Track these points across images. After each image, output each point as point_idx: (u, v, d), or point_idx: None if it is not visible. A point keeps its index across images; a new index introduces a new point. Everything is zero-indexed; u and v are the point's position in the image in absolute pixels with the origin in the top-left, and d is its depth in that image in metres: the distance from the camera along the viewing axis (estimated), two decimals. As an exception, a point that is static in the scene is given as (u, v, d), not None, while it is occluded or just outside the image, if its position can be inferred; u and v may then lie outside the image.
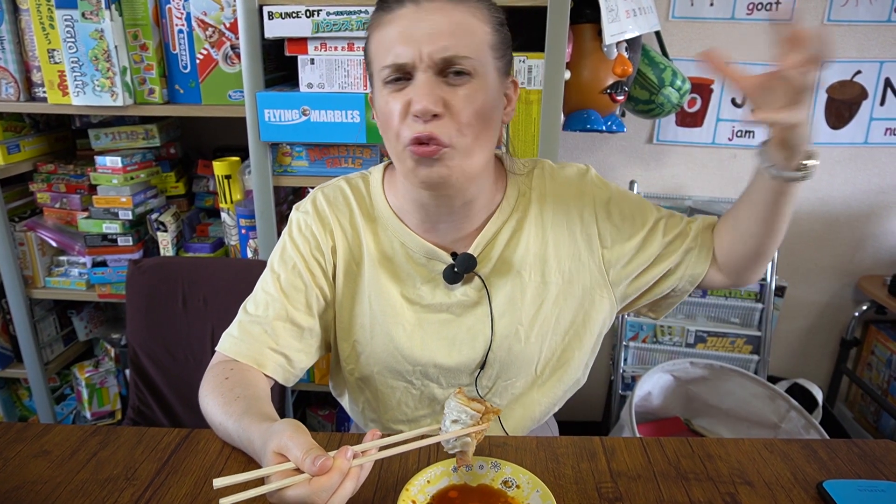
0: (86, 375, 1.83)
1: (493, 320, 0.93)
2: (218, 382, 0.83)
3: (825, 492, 0.73)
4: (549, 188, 0.94)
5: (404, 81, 0.78)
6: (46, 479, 0.75)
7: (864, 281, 2.06)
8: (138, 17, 1.44)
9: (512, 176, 0.95)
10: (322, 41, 1.35)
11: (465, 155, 0.80)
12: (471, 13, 0.79)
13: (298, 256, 0.92)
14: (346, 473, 0.61)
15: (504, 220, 0.92)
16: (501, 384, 0.97)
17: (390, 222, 0.93)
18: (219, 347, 0.90)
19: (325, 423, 1.94)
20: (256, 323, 0.89)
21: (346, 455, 0.62)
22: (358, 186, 0.96)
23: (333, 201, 0.94)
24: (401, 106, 0.78)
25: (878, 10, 1.80)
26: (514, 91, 0.88)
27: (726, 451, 0.82)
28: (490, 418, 0.70)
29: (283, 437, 0.63)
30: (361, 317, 0.94)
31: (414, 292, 0.93)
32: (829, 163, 1.97)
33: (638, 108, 1.71)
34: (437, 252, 0.91)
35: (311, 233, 0.93)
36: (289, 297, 0.91)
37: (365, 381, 0.99)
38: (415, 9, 0.77)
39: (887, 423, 2.04)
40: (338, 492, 0.60)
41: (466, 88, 0.78)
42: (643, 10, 1.53)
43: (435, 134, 0.77)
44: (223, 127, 1.88)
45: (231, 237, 1.63)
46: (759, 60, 1.87)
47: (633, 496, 0.73)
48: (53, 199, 1.69)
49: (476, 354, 0.94)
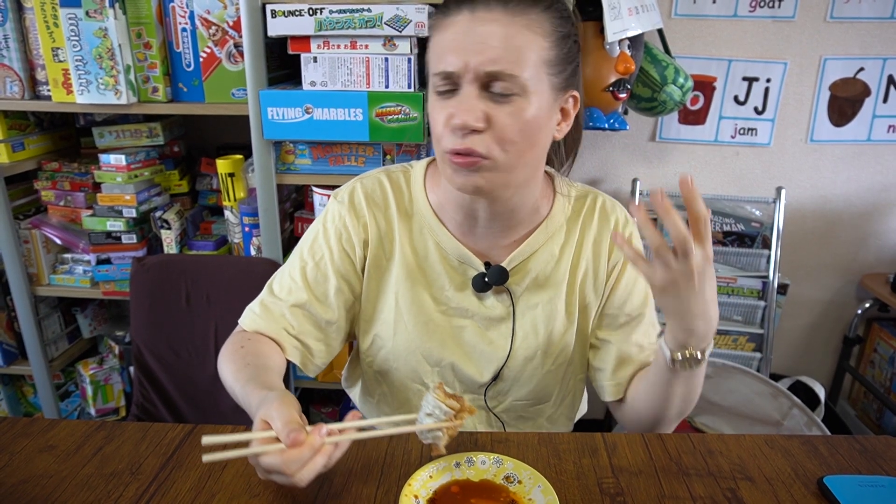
0: (90, 372, 1.84)
1: (515, 339, 0.92)
2: (234, 349, 0.87)
3: (825, 487, 0.73)
4: (596, 222, 0.93)
5: (451, 92, 0.78)
6: (52, 473, 0.76)
7: (866, 278, 2.06)
8: (142, 15, 1.45)
9: (560, 197, 0.93)
10: (325, 39, 1.35)
11: (505, 170, 0.79)
12: (528, 27, 0.75)
13: (328, 249, 0.92)
14: (318, 449, 0.65)
15: (545, 240, 0.91)
16: (511, 403, 0.97)
17: (428, 221, 0.92)
18: (241, 321, 0.93)
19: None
20: (277, 305, 0.91)
21: (321, 432, 0.65)
22: (398, 181, 0.95)
23: (371, 194, 0.93)
24: (444, 117, 0.78)
25: (881, 7, 1.80)
26: (573, 105, 0.84)
27: (727, 446, 0.83)
28: (464, 416, 0.72)
29: (271, 407, 0.67)
30: (385, 312, 0.94)
31: (442, 293, 0.93)
32: (832, 160, 1.97)
33: (640, 105, 1.71)
34: (471, 258, 0.91)
35: (343, 225, 0.92)
36: (312, 288, 0.92)
37: (383, 375, 0.99)
38: (470, 17, 0.75)
39: (890, 421, 2.04)
40: (308, 465, 0.64)
41: (512, 106, 0.76)
42: (645, 7, 1.53)
43: (473, 148, 0.76)
44: (226, 125, 1.88)
45: (234, 235, 1.64)
46: (761, 57, 1.87)
47: (635, 491, 0.74)
48: (58, 197, 1.70)
49: (492, 368, 0.94)
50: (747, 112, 1.93)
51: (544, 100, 0.78)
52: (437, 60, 0.78)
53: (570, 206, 0.94)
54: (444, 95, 0.78)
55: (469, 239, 0.91)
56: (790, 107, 1.92)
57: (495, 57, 0.73)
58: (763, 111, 1.92)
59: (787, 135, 1.95)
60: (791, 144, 1.96)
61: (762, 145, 1.96)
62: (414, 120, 1.37)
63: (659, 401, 0.86)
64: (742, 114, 1.93)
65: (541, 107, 0.78)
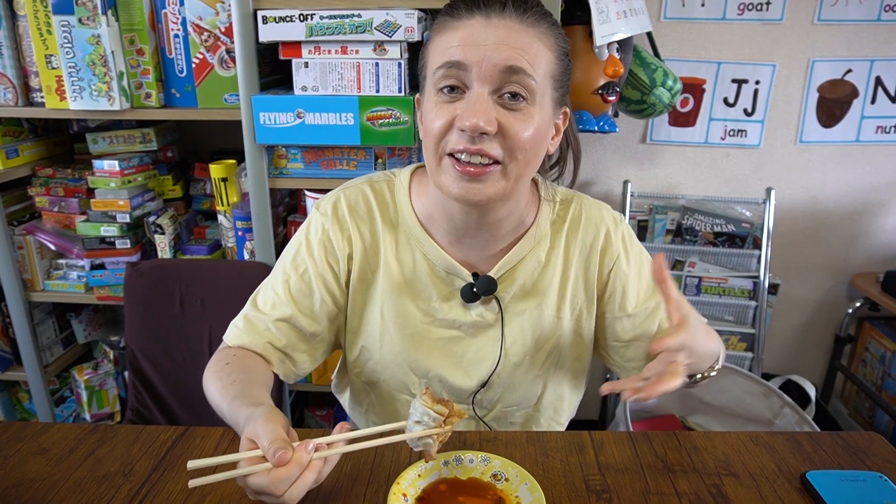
0: (85, 378, 1.84)
1: (504, 346, 0.92)
2: (219, 367, 0.85)
3: (808, 482, 0.74)
4: (582, 228, 0.93)
5: (458, 93, 0.76)
6: (45, 476, 0.76)
7: (857, 278, 2.07)
8: (134, 22, 1.46)
9: (545, 203, 0.93)
10: (316, 45, 1.36)
11: (512, 179, 0.78)
12: (539, 38, 0.76)
13: (311, 262, 0.91)
14: (306, 466, 0.63)
15: (532, 247, 0.91)
16: (501, 409, 0.97)
17: (414, 231, 0.91)
18: (225, 337, 0.92)
19: (323, 423, 1.95)
20: (262, 320, 0.90)
21: (307, 448, 0.63)
22: (381, 191, 0.93)
23: (354, 206, 0.92)
24: (448, 117, 0.76)
25: (868, 9, 1.82)
26: (563, 121, 0.86)
27: (713, 443, 0.84)
28: (453, 421, 0.71)
29: (256, 424, 0.64)
30: (372, 325, 0.94)
31: (428, 305, 0.92)
32: (822, 161, 1.99)
33: (630, 108, 1.73)
34: (459, 269, 0.90)
35: (327, 237, 0.91)
36: (296, 302, 0.90)
37: (371, 385, 0.99)
38: (485, 21, 0.75)
39: (882, 419, 2.05)
40: (296, 483, 0.62)
41: (522, 113, 0.75)
42: (634, 11, 1.55)
43: (485, 150, 0.74)
44: (219, 130, 1.89)
45: (228, 239, 1.65)
46: (750, 60, 1.89)
47: (620, 488, 0.75)
48: (52, 203, 1.71)
49: (482, 376, 0.94)
50: (737, 114, 1.95)
51: (547, 112, 0.79)
52: (441, 54, 0.76)
53: (555, 211, 0.94)
54: (449, 96, 0.76)
55: (456, 249, 0.91)
56: (779, 108, 1.94)
57: (515, 55, 0.73)
58: (752, 113, 1.94)
59: (777, 136, 1.97)
60: (780, 146, 1.98)
61: (752, 147, 1.98)
62: (405, 124, 1.38)
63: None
64: (731, 115, 1.95)
65: (544, 118, 0.78)
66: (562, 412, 1.02)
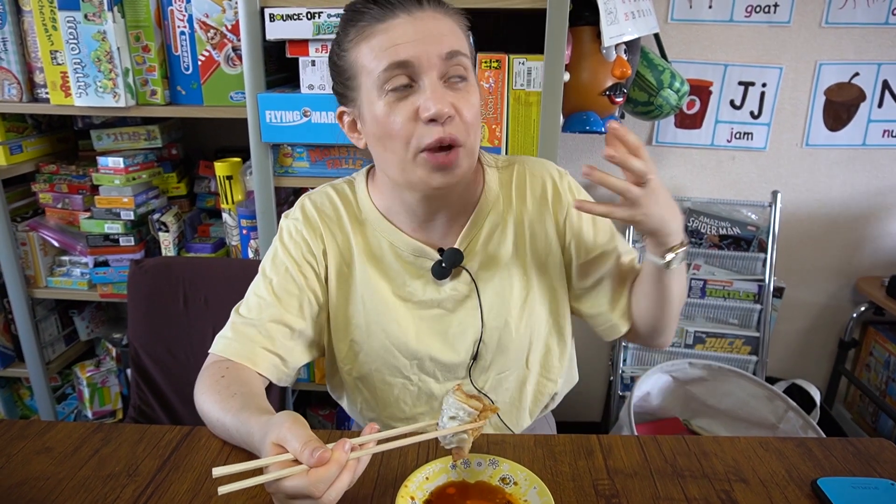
0: (87, 375, 1.83)
1: (483, 313, 0.95)
2: (214, 381, 0.84)
3: (819, 489, 0.74)
4: (529, 185, 0.97)
5: (408, 89, 0.79)
6: (49, 475, 0.76)
7: (862, 282, 2.07)
8: (140, 18, 1.45)
9: (489, 171, 0.97)
10: (323, 43, 1.36)
11: (471, 155, 0.84)
12: (455, 21, 0.83)
13: (290, 261, 0.93)
14: (344, 466, 0.62)
15: (486, 214, 0.95)
16: (496, 377, 0.99)
17: (378, 224, 0.95)
18: (212, 349, 0.91)
19: (326, 423, 1.95)
20: (250, 325, 0.90)
21: (345, 447, 0.62)
22: (344, 191, 0.98)
23: (321, 207, 0.96)
24: (408, 113, 0.79)
25: (876, 12, 1.81)
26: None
27: (722, 448, 0.83)
28: (487, 416, 0.71)
29: (282, 428, 0.64)
30: (356, 316, 0.96)
31: (405, 289, 0.95)
32: (828, 164, 1.98)
33: (637, 109, 1.72)
34: (425, 249, 0.93)
35: (301, 238, 0.94)
36: (281, 300, 0.92)
37: (363, 379, 1.00)
38: (409, 18, 0.79)
39: (885, 424, 2.04)
40: (335, 484, 0.61)
41: (466, 92, 0.81)
42: (642, 12, 1.54)
43: (455, 136, 0.79)
44: (225, 128, 1.89)
45: (232, 237, 1.64)
46: (757, 62, 1.88)
47: (630, 493, 0.74)
48: (56, 200, 1.70)
49: (468, 347, 0.96)
50: (743, 116, 1.94)
51: (476, 85, 0.85)
52: (379, 58, 0.78)
53: (503, 177, 0.98)
54: (402, 93, 0.79)
55: (420, 234, 0.94)
56: (786, 111, 1.93)
57: (450, 40, 0.79)
58: (759, 115, 1.93)
59: (783, 139, 1.96)
60: (787, 149, 1.97)
61: (758, 149, 1.97)
62: (411, 123, 1.37)
63: (663, 303, 0.92)
64: (738, 118, 1.94)
65: (477, 90, 0.85)
66: (551, 368, 1.03)
